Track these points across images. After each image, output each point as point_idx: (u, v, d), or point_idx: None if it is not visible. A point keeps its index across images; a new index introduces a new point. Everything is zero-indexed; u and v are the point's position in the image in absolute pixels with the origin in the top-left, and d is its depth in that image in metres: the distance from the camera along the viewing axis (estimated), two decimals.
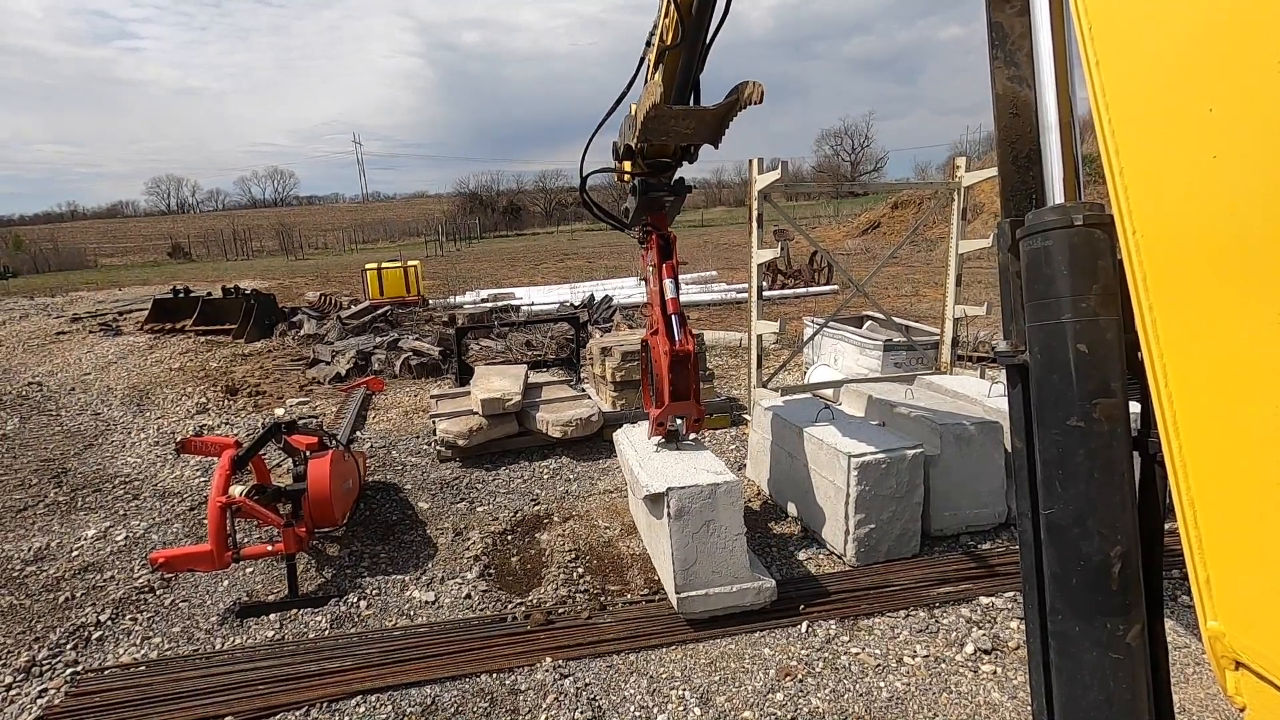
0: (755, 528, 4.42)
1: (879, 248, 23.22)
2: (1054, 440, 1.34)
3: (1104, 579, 1.30)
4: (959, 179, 5.96)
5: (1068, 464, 1.32)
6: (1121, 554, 1.29)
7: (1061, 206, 1.38)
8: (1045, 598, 1.43)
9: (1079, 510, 1.31)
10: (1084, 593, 1.33)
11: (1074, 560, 1.33)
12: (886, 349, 6.67)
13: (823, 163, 74.49)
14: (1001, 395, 4.71)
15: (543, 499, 5.01)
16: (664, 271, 3.91)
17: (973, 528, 4.19)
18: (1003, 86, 1.56)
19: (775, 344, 9.50)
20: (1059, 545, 1.36)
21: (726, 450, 5.86)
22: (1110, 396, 1.28)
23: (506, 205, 65.13)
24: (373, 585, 3.93)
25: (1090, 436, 1.29)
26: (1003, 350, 1.49)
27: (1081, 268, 1.29)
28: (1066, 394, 1.31)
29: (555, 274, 20.46)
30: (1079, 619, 1.34)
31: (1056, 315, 1.31)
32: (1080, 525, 1.31)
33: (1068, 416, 1.31)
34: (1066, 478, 1.32)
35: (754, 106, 3.06)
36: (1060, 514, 1.34)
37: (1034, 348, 1.37)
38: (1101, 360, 1.28)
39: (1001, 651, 3.20)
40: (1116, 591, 1.29)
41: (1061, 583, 1.36)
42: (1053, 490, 1.35)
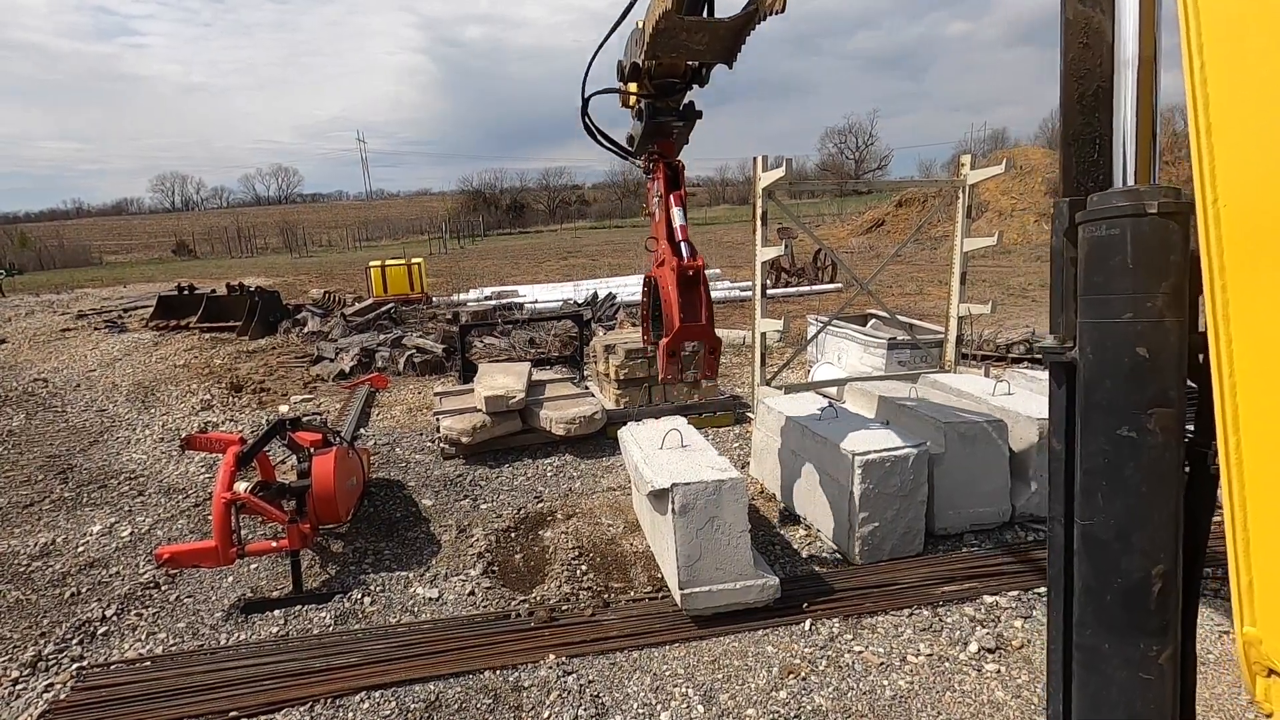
0: (759, 525, 4.42)
1: (883, 246, 23.18)
2: (1100, 449, 1.24)
3: (1142, 598, 1.22)
4: (964, 177, 5.95)
5: (1114, 476, 1.22)
6: (1163, 573, 1.20)
7: (1133, 190, 1.23)
8: (1072, 608, 1.36)
9: (1122, 525, 1.22)
10: (1119, 610, 1.25)
11: (1111, 576, 1.24)
12: (890, 347, 6.66)
13: (827, 161, 74.35)
14: (1006, 394, 4.70)
15: (546, 496, 5.02)
16: (671, 201, 3.61)
17: (977, 526, 4.18)
18: (1074, 10, 1.35)
19: (779, 342, 9.48)
20: (1095, 559, 1.27)
21: (730, 448, 5.85)
22: (1168, 406, 1.17)
23: (510, 203, 65.13)
24: (377, 582, 3.93)
25: (1142, 448, 1.18)
26: (1048, 345, 1.37)
27: (1150, 263, 1.16)
28: (1119, 401, 1.20)
29: (558, 272, 20.47)
30: (1110, 636, 1.26)
31: (1116, 314, 1.18)
32: (1122, 541, 1.22)
33: (1119, 425, 1.20)
34: (1111, 490, 1.23)
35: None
36: (1100, 527, 1.25)
37: (1085, 346, 1.26)
38: (1163, 366, 1.16)
39: (1005, 651, 3.19)
40: (1154, 612, 1.22)
41: (1094, 597, 1.28)
42: (1093, 501, 1.26)
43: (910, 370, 6.43)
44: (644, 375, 6.25)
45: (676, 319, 3.35)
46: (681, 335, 3.34)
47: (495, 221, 57.24)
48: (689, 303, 3.37)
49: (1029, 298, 12.97)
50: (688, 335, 3.36)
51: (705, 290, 3.43)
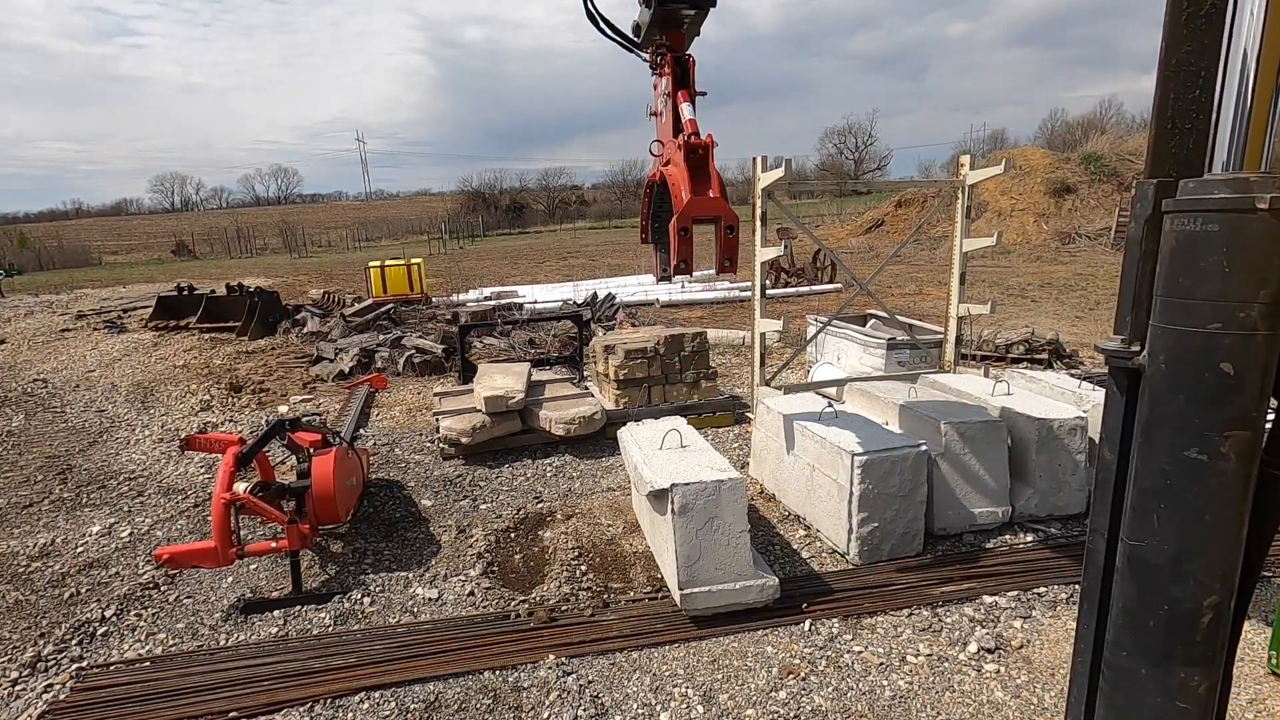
0: (758, 526, 4.42)
1: (882, 246, 23.18)
2: (1162, 468, 1.12)
3: (1190, 629, 1.13)
4: (963, 177, 5.94)
5: (1174, 499, 1.11)
6: (1216, 605, 1.11)
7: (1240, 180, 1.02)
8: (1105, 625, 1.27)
9: (1176, 552, 1.12)
10: (1162, 637, 1.16)
11: (1157, 602, 1.15)
12: (890, 347, 6.66)
13: (826, 161, 74.30)
14: (1005, 394, 4.71)
15: (546, 497, 5.02)
16: (679, 98, 3.32)
17: (976, 527, 4.18)
18: None
19: (778, 342, 9.48)
20: (1142, 582, 1.17)
21: (730, 448, 5.85)
22: (1247, 429, 1.04)
23: (509, 203, 65.12)
24: (376, 582, 3.93)
25: (1210, 473, 1.07)
26: (1112, 347, 1.21)
27: (1251, 267, 1.00)
28: (1192, 419, 1.07)
29: (558, 272, 20.48)
30: (1149, 662, 1.18)
31: (1201, 322, 1.03)
32: (1174, 567, 1.12)
33: (1188, 445, 1.07)
34: (1169, 513, 1.12)
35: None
36: (1152, 550, 1.15)
37: (1158, 353, 1.11)
38: (1248, 385, 1.03)
39: (1005, 651, 3.19)
40: (1200, 643, 1.13)
41: (1135, 620, 1.19)
42: (1147, 523, 1.15)
43: (910, 370, 6.43)
44: (644, 376, 6.25)
45: (686, 193, 3.07)
46: (692, 209, 3.06)
47: (495, 222, 57.24)
48: (699, 178, 3.11)
49: (1028, 298, 12.98)
50: (698, 209, 3.09)
51: (715, 173, 3.16)
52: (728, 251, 3.24)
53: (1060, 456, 4.25)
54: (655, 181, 3.63)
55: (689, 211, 3.07)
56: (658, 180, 3.57)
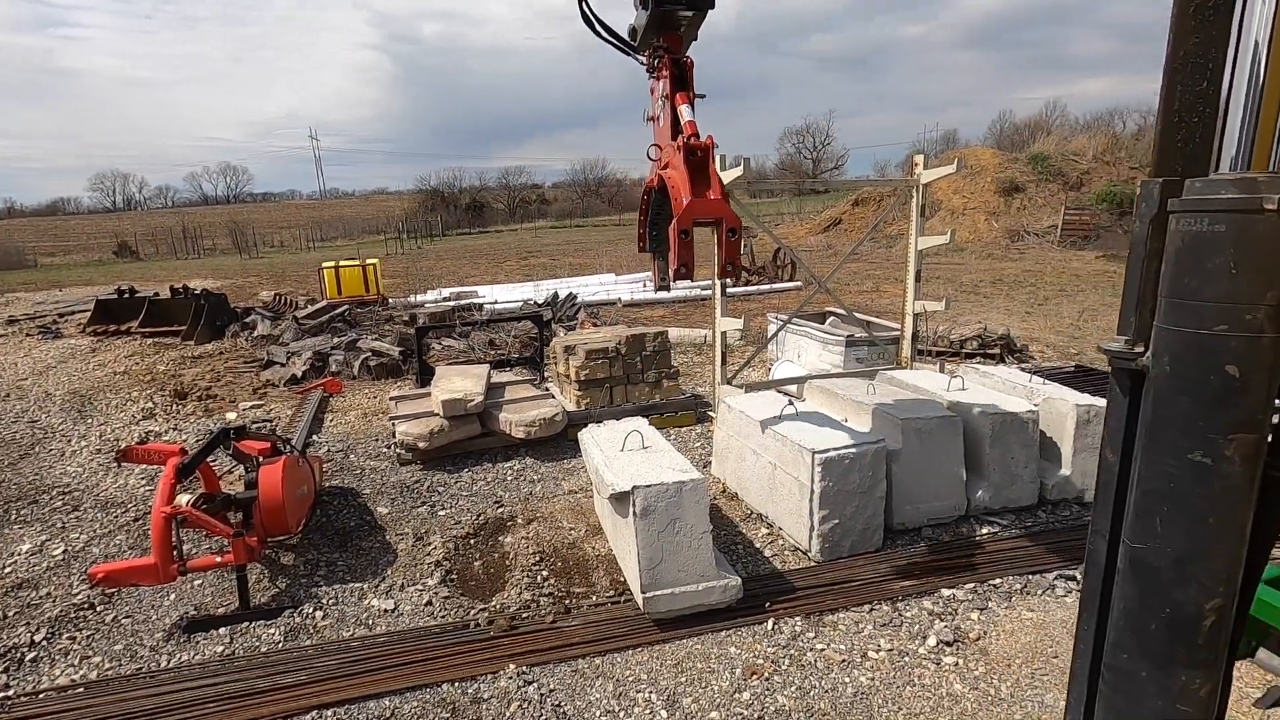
0: (721, 525, 4.41)
1: (840, 244, 23.55)
2: (1165, 470, 1.10)
3: (1191, 632, 1.11)
4: (917, 176, 6.04)
5: (1177, 501, 1.09)
6: (1218, 607, 1.10)
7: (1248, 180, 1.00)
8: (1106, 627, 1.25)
9: (1179, 554, 1.10)
10: (1163, 640, 1.14)
11: (1159, 605, 1.13)
12: (848, 345, 6.74)
13: (785, 160, 75.19)
14: (960, 389, 4.79)
15: (506, 501, 4.93)
16: (677, 100, 3.26)
17: (934, 521, 4.24)
18: None
19: (740, 341, 9.53)
20: (1144, 585, 1.16)
21: (692, 448, 5.84)
22: (1252, 432, 1.03)
23: (469, 202, 64.21)
24: (329, 595, 3.80)
25: (1215, 475, 1.05)
26: (1115, 349, 1.19)
27: (1259, 269, 0.98)
28: (1197, 422, 1.05)
29: (519, 272, 20.26)
30: (1150, 664, 1.17)
31: (1207, 324, 1.01)
32: (1177, 570, 1.10)
33: (1192, 448, 1.05)
34: (1172, 516, 1.10)
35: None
36: (1153, 553, 1.13)
37: (1162, 355, 1.09)
38: (1254, 388, 1.01)
39: (963, 643, 3.24)
40: (1202, 646, 1.12)
41: (1136, 623, 1.18)
42: (1149, 525, 1.13)
43: (868, 367, 6.51)
44: (605, 376, 6.19)
45: (687, 195, 2.98)
46: (693, 211, 2.95)
47: (454, 221, 56.38)
48: (699, 180, 3.03)
49: (980, 294, 13.32)
50: (699, 211, 2.97)
51: (715, 171, 3.08)
52: (730, 256, 3.14)
53: (1013, 450, 4.35)
54: (653, 187, 3.56)
55: (689, 214, 2.97)
56: (655, 186, 3.51)
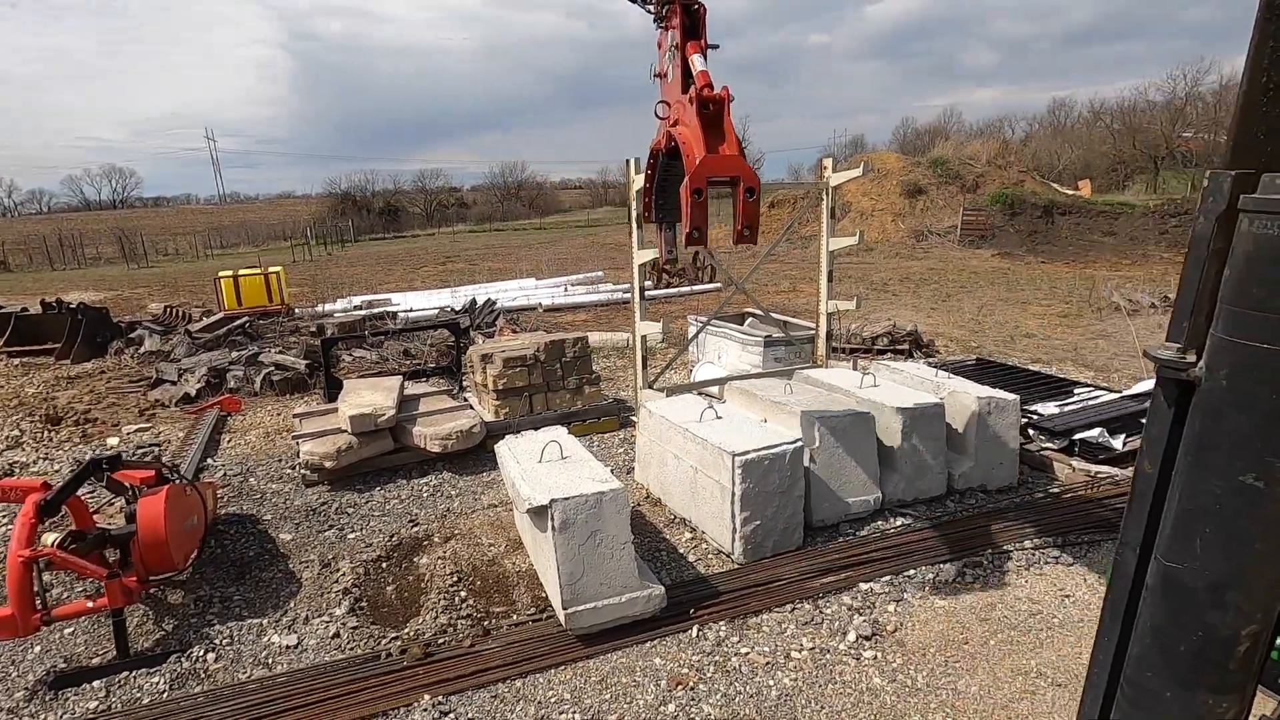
0: (645, 532, 4.36)
1: (758, 246, 24.08)
2: (1212, 490, 1.03)
3: (1224, 656, 1.06)
4: (826, 179, 6.20)
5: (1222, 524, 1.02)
6: (1255, 634, 1.05)
7: None
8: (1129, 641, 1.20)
9: (1218, 578, 1.04)
10: (1192, 662, 1.09)
11: (1191, 627, 1.08)
12: (767, 345, 6.85)
13: None
14: (873, 386, 4.93)
15: (422, 519, 4.71)
16: (688, 50, 3.03)
17: (851, 516, 4.34)
18: None
19: (662, 343, 9.55)
20: (1176, 605, 1.10)
21: (615, 454, 5.78)
22: None
23: (383, 206, 61.91)
24: (223, 634, 3.50)
25: (1267, 500, 0.98)
26: (1166, 356, 1.08)
27: None
28: (1253, 442, 0.97)
29: (436, 278, 19.64)
30: (1177, 685, 1.11)
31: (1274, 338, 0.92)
32: (1214, 594, 1.04)
33: (1243, 470, 0.98)
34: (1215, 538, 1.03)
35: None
36: (1190, 574, 1.06)
37: (1218, 367, 1.00)
38: None
39: (881, 636, 3.31)
40: (1233, 671, 1.07)
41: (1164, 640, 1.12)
42: (1188, 545, 1.06)
43: (786, 366, 6.64)
44: (525, 384, 6.04)
45: (700, 150, 2.75)
46: (707, 168, 2.74)
47: (367, 226, 54.23)
48: (714, 135, 2.80)
49: (890, 292, 13.91)
50: (714, 168, 2.77)
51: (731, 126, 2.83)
52: (748, 219, 2.89)
53: (922, 443, 4.50)
54: (660, 149, 3.28)
55: (703, 170, 2.74)
56: (663, 147, 3.23)
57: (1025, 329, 10.12)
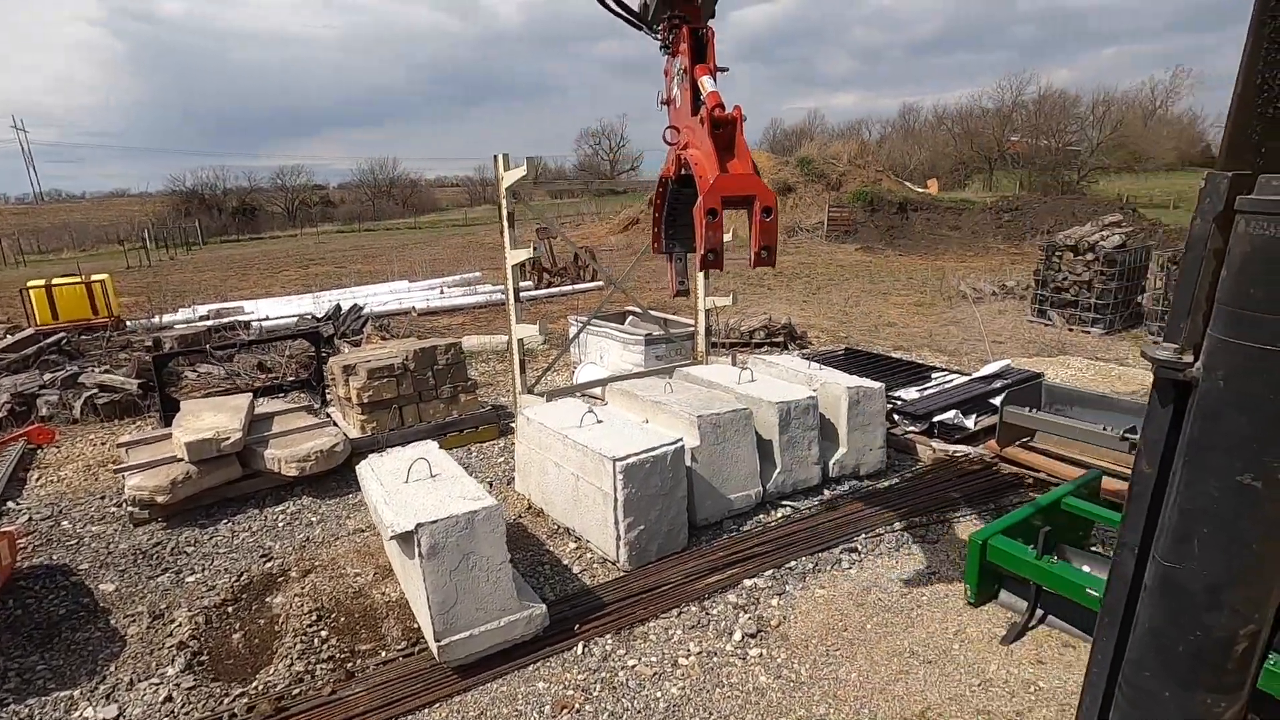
0: (527, 546, 4.17)
1: (639, 243, 24.30)
2: (1210, 491, 1.03)
3: (1221, 657, 1.06)
4: None
5: (1220, 525, 1.02)
6: (1253, 634, 1.05)
7: None
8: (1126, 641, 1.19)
9: (1216, 579, 1.04)
10: (1190, 663, 1.09)
11: (1189, 628, 1.08)
12: (648, 343, 6.83)
13: (584, 161, 76.36)
14: (750, 381, 5.00)
15: (277, 552, 4.24)
16: (697, 73, 2.97)
17: (733, 512, 4.36)
18: None
19: (543, 345, 9.32)
20: (1173, 606, 1.09)
21: (495, 464, 5.52)
22: None
23: (238, 205, 56.72)
24: (21, 713, 2.95)
25: (1264, 500, 0.98)
26: (1163, 356, 1.08)
27: None
28: (1250, 443, 0.97)
29: (298, 282, 18.19)
30: (1174, 685, 1.11)
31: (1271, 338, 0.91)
32: (1212, 595, 1.05)
33: (1242, 469, 0.98)
34: (1213, 539, 1.03)
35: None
36: (1187, 575, 1.06)
37: (1216, 367, 0.99)
38: None
39: (765, 632, 3.32)
40: (1232, 671, 1.08)
41: (1161, 641, 1.12)
42: (1186, 547, 1.06)
43: (667, 364, 6.64)
44: (393, 395, 5.64)
45: (714, 170, 2.67)
46: (721, 187, 2.65)
47: (219, 227, 49.51)
48: (727, 154, 2.74)
49: (765, 286, 14.42)
50: (729, 187, 2.67)
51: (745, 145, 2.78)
52: (765, 239, 2.78)
53: (798, 435, 4.61)
54: (669, 176, 3.18)
55: (718, 190, 2.65)
56: (673, 174, 3.14)
57: (887, 318, 10.80)
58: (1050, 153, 36.32)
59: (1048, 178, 33.85)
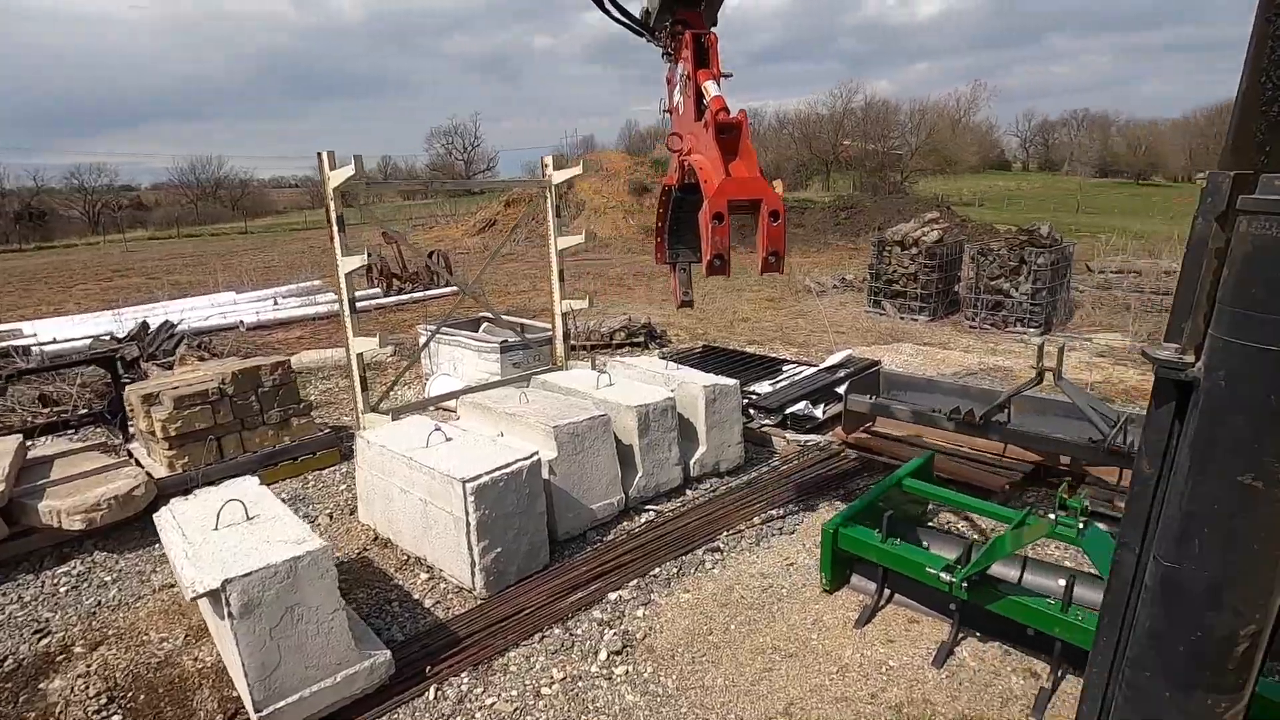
0: (371, 582, 3.79)
1: (496, 244, 23.63)
2: (1210, 492, 1.02)
3: (1221, 657, 1.06)
4: (548, 177, 6.06)
5: (1221, 525, 1.02)
6: (1253, 634, 1.05)
7: None
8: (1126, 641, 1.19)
9: (1217, 579, 1.04)
10: (1190, 663, 1.10)
11: (1189, 628, 1.08)
12: (504, 350, 6.54)
13: (436, 161, 73.37)
14: (609, 385, 4.90)
15: (56, 625, 3.55)
16: (700, 78, 2.92)
17: (596, 522, 4.24)
18: None
19: (393, 356, 8.72)
20: (1174, 606, 1.09)
21: (336, 492, 5.01)
22: None
23: (23, 210, 48.71)
24: None
25: (1265, 500, 0.98)
26: (1164, 357, 1.07)
27: None
28: (1251, 443, 0.97)
29: (97, 298, 15.83)
30: (1174, 687, 1.12)
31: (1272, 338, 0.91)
32: (1213, 595, 1.05)
33: (1242, 469, 0.98)
34: (1213, 539, 1.03)
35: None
36: (1188, 575, 1.06)
37: (1217, 367, 0.99)
38: None
39: (631, 647, 3.21)
40: (1232, 671, 1.08)
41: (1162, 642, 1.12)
42: (1187, 546, 1.06)
43: (526, 371, 6.39)
44: (209, 425, 4.95)
45: (720, 174, 2.62)
46: (727, 190, 2.61)
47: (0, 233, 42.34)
48: (732, 158, 2.68)
49: (625, 286, 14.50)
50: (735, 191, 2.63)
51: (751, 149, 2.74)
52: (773, 244, 2.72)
53: (658, 437, 4.57)
54: (672, 185, 3.15)
55: (724, 193, 2.61)
56: (676, 183, 3.11)
57: (742, 314, 11.20)
58: (877, 156, 39.77)
59: (876, 179, 37.06)
